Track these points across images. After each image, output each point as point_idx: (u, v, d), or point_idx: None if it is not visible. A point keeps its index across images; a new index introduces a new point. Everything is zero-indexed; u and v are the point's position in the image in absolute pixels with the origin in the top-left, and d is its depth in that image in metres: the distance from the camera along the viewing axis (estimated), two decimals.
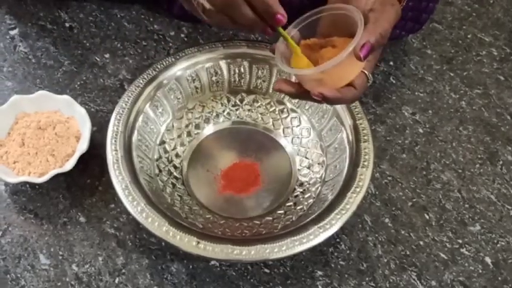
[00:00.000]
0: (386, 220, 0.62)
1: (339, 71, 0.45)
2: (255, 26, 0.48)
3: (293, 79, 0.51)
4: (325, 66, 0.44)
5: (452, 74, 0.75)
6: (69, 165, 0.59)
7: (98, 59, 0.73)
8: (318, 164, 0.62)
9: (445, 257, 0.60)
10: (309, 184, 0.61)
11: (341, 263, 0.59)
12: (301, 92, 0.48)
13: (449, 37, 0.79)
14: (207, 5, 0.47)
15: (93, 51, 0.74)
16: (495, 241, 0.61)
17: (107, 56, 0.73)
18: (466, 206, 0.64)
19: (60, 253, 0.58)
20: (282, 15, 0.47)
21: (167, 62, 0.63)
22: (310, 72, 0.46)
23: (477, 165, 0.67)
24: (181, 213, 0.56)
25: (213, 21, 0.50)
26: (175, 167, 0.62)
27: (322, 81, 0.46)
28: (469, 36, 0.80)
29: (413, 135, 0.69)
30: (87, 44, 0.74)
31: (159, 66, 0.63)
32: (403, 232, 0.61)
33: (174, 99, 0.64)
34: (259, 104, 0.67)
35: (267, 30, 0.49)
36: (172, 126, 0.64)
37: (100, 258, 0.58)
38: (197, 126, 0.66)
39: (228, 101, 0.67)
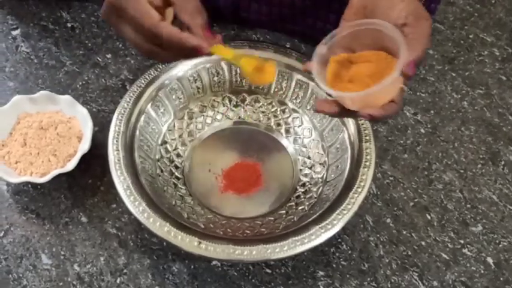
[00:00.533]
0: (388, 220, 0.62)
1: (384, 90, 0.44)
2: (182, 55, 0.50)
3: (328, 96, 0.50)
4: (377, 88, 0.43)
5: (454, 74, 0.75)
6: (70, 165, 0.59)
7: (100, 59, 0.73)
8: (320, 164, 0.62)
9: (447, 258, 0.60)
10: (311, 184, 0.61)
11: (343, 263, 0.59)
12: (343, 111, 0.47)
13: (451, 37, 0.79)
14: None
15: (95, 51, 0.74)
16: (497, 241, 0.61)
17: (109, 56, 0.73)
18: (468, 206, 0.64)
19: (62, 253, 0.58)
20: (199, 46, 0.47)
21: None
22: (362, 94, 0.44)
23: (479, 166, 0.67)
24: (183, 214, 0.56)
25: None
26: (176, 167, 0.62)
27: (366, 99, 0.45)
28: (470, 36, 0.80)
29: (415, 136, 0.69)
30: (89, 44, 0.74)
31: (160, 67, 0.63)
32: (404, 232, 0.61)
33: (175, 100, 0.64)
34: (261, 104, 0.67)
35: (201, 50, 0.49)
36: (174, 126, 0.64)
37: (102, 258, 0.58)
38: (199, 127, 0.66)
39: (230, 101, 0.67)
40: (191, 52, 0.48)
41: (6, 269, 0.57)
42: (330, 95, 0.47)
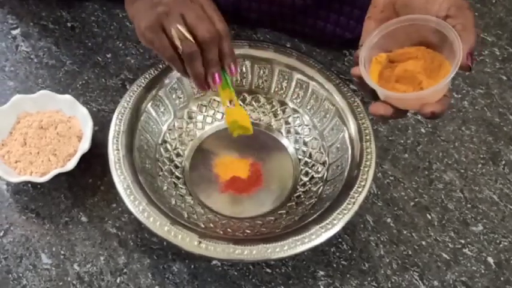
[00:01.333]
0: (389, 220, 0.62)
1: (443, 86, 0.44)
2: (201, 76, 0.52)
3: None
4: (439, 86, 0.42)
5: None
6: (70, 164, 0.59)
7: (100, 59, 0.73)
8: (320, 163, 0.62)
9: (447, 257, 0.60)
10: (311, 184, 0.61)
11: (343, 263, 0.59)
12: (398, 113, 0.46)
13: None
14: (190, 37, 0.49)
15: (95, 51, 0.74)
16: (497, 241, 0.61)
17: (109, 55, 0.73)
18: (469, 206, 0.64)
19: (62, 253, 0.58)
20: (235, 67, 0.53)
21: None
22: (425, 94, 0.43)
23: (479, 165, 0.67)
24: (183, 213, 0.56)
25: (171, 58, 0.51)
26: (176, 166, 0.62)
27: (422, 98, 0.44)
28: None
29: (415, 135, 0.69)
30: (89, 44, 0.74)
31: (160, 66, 0.63)
32: (405, 232, 0.61)
33: (175, 99, 0.64)
34: (261, 103, 0.67)
35: (207, 83, 0.52)
36: (174, 125, 0.64)
37: (102, 258, 0.58)
38: (199, 126, 0.66)
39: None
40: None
41: (6, 268, 0.57)
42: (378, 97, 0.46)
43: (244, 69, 0.66)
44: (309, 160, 0.63)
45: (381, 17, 0.47)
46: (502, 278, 0.59)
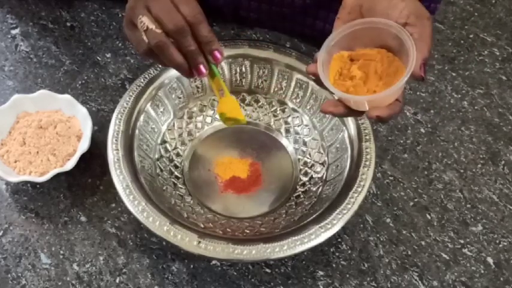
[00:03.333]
0: (388, 220, 0.62)
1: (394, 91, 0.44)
2: (183, 66, 0.49)
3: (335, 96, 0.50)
4: (390, 91, 0.43)
5: (454, 74, 0.75)
6: (70, 164, 0.59)
7: (100, 59, 0.73)
8: (320, 163, 0.62)
9: (447, 257, 0.60)
10: (310, 184, 0.61)
11: (342, 263, 0.59)
12: (349, 111, 0.47)
13: (451, 37, 0.79)
14: (153, 27, 0.47)
15: (94, 50, 0.74)
16: (497, 241, 0.61)
17: (108, 55, 0.73)
18: (468, 206, 0.63)
19: (61, 252, 0.58)
20: (220, 52, 0.50)
21: None
22: (375, 97, 0.44)
23: (479, 165, 0.67)
24: (182, 213, 0.56)
25: (146, 52, 0.49)
26: (176, 166, 0.62)
27: (373, 101, 0.45)
28: (471, 36, 0.80)
29: (415, 135, 0.69)
30: (89, 44, 0.74)
31: (160, 66, 0.62)
32: (404, 232, 0.61)
33: (175, 99, 0.64)
34: (261, 103, 0.67)
35: (192, 73, 0.50)
36: (174, 125, 0.64)
37: (101, 258, 0.58)
38: (198, 126, 0.66)
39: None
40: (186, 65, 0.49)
41: (5, 268, 0.57)
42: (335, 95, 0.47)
43: (243, 69, 0.65)
44: (308, 160, 0.63)
45: (348, 19, 0.48)
46: (501, 278, 0.59)
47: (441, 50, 0.77)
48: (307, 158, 0.63)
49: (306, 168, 0.62)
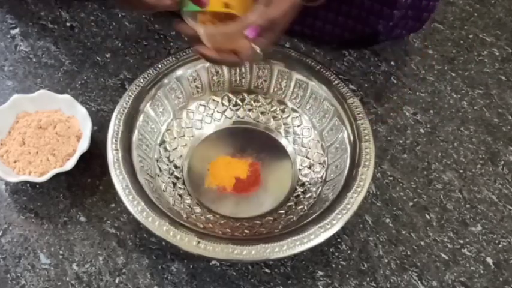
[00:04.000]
0: (387, 220, 0.62)
1: (223, 37, 0.47)
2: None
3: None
4: (210, 30, 0.46)
5: (453, 74, 0.75)
6: (69, 164, 0.59)
7: (99, 59, 0.73)
8: (319, 164, 0.62)
9: (446, 258, 0.60)
10: (310, 184, 0.61)
11: (342, 263, 0.59)
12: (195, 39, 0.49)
13: (451, 37, 0.79)
14: None
15: (94, 50, 0.74)
16: (496, 241, 0.61)
17: (108, 55, 0.73)
18: (467, 206, 0.64)
19: (61, 252, 0.58)
20: None
21: (168, 61, 0.63)
22: (199, 30, 0.47)
23: (478, 166, 0.67)
24: (182, 213, 0.56)
25: None
26: (175, 166, 0.62)
27: (211, 38, 0.47)
28: (470, 36, 0.80)
29: (414, 135, 0.69)
30: (88, 44, 0.74)
31: (160, 66, 0.62)
32: (404, 232, 0.61)
33: (174, 99, 0.64)
34: (260, 103, 0.67)
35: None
36: (173, 125, 0.64)
37: (100, 258, 0.58)
38: (198, 126, 0.65)
39: (229, 100, 0.67)
40: None
41: (4, 268, 0.57)
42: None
43: (243, 69, 0.65)
44: (307, 160, 0.63)
45: None
46: (500, 279, 0.59)
47: (441, 50, 0.77)
48: (307, 158, 0.63)
49: (306, 169, 0.62)
